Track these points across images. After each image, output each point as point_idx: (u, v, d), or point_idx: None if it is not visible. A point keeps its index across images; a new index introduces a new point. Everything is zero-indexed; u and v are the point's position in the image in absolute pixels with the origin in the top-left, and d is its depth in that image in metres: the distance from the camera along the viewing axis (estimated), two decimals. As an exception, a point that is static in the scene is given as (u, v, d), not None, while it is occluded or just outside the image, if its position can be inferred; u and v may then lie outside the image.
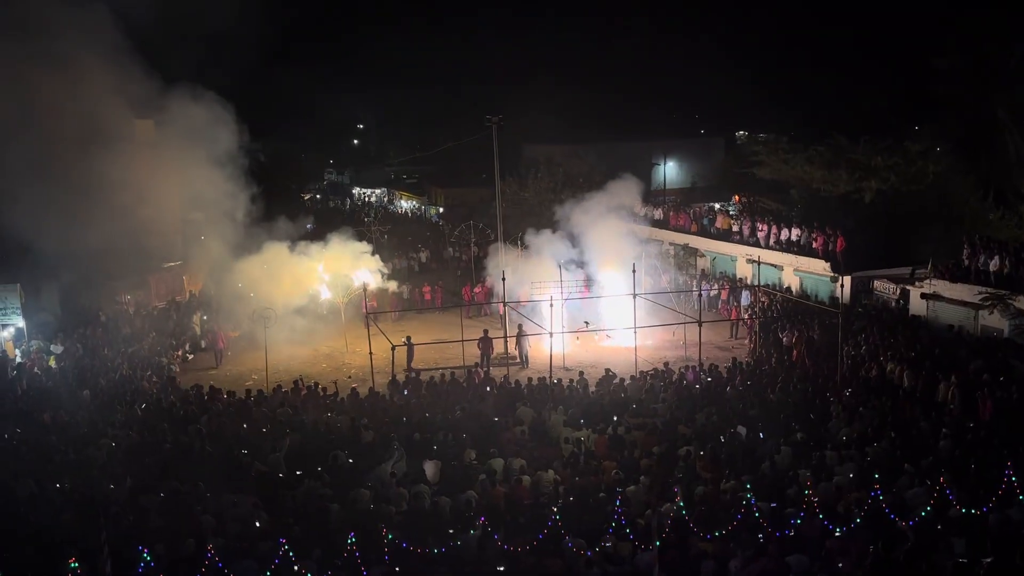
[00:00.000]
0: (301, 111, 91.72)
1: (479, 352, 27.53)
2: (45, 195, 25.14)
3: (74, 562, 11.39)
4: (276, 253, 30.49)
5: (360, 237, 36.56)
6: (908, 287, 29.84)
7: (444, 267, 47.22)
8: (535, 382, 22.96)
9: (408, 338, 27.23)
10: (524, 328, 28.28)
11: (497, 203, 33.70)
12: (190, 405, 22.06)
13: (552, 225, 32.57)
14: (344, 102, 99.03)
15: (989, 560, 11.16)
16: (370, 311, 29.49)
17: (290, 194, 55.66)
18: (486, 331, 28.07)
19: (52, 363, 26.32)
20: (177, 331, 32.04)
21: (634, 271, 26.93)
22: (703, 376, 23.29)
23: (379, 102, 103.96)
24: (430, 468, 16.79)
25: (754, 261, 31.84)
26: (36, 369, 25.70)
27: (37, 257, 26.08)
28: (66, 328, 29.41)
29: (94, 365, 26.11)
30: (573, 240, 31.08)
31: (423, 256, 49.92)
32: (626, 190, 32.73)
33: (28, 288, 28.97)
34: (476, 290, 36.53)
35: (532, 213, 42.60)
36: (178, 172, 28.34)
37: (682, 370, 24.00)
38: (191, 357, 31.03)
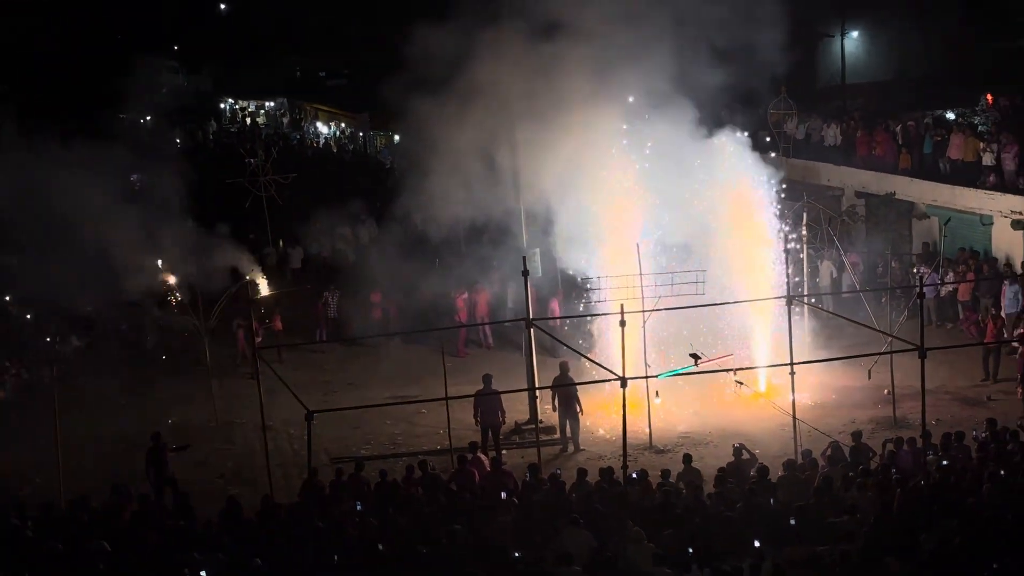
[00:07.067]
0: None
1: (477, 421, 22.81)
2: None
3: None
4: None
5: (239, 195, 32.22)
6: None
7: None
8: (594, 478, 19.30)
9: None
10: (570, 370, 23.06)
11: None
12: None
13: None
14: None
15: None
16: (266, 342, 24.95)
17: (94, 118, 46.63)
18: (488, 377, 22.66)
19: None
20: None
21: (786, 250, 22.50)
22: (931, 459, 19.40)
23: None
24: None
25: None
26: None
27: None
28: None
29: None
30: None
31: (365, 232, 42.27)
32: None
33: None
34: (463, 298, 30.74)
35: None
36: None
37: (888, 446, 20.04)
38: None
